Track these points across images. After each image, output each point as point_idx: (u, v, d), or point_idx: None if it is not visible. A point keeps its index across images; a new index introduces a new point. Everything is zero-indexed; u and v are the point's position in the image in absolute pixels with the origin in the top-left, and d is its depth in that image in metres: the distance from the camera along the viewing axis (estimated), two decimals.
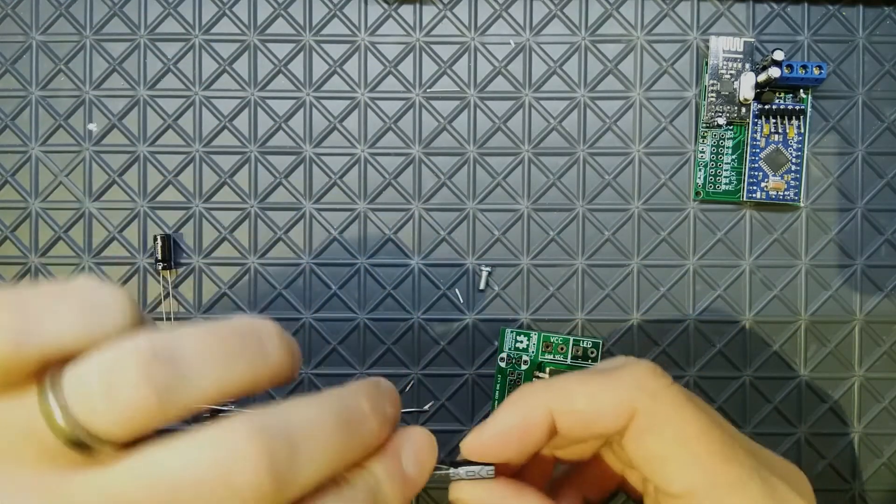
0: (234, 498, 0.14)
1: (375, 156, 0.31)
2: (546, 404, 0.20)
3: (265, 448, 0.14)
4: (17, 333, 0.14)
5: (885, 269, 0.30)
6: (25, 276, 0.31)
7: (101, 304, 0.15)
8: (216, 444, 0.14)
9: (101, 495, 0.14)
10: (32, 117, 0.31)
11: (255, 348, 0.16)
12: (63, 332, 0.14)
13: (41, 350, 0.14)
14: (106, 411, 0.14)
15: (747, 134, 0.30)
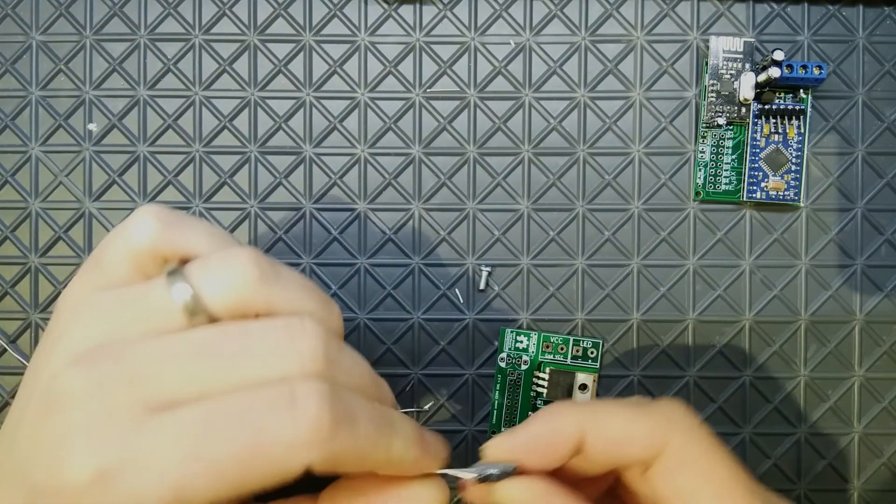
0: (294, 348, 0.18)
1: (375, 156, 0.31)
2: (579, 423, 0.21)
3: (324, 332, 0.19)
4: (166, 227, 0.20)
5: (885, 269, 0.30)
6: (25, 276, 0.31)
7: (226, 237, 0.21)
8: (290, 316, 0.19)
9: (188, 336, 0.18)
10: (32, 117, 0.31)
11: (326, 302, 0.21)
12: (196, 241, 0.20)
13: (177, 246, 0.20)
14: (219, 280, 0.18)
15: (747, 134, 0.30)
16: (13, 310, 0.31)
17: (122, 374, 0.18)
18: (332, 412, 0.17)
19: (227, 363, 0.18)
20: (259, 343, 0.18)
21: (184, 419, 0.17)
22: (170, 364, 0.18)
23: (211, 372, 0.18)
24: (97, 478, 0.17)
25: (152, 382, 0.17)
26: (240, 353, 0.18)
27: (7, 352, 0.30)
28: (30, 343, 0.30)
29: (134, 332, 0.18)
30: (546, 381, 0.30)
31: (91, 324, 0.19)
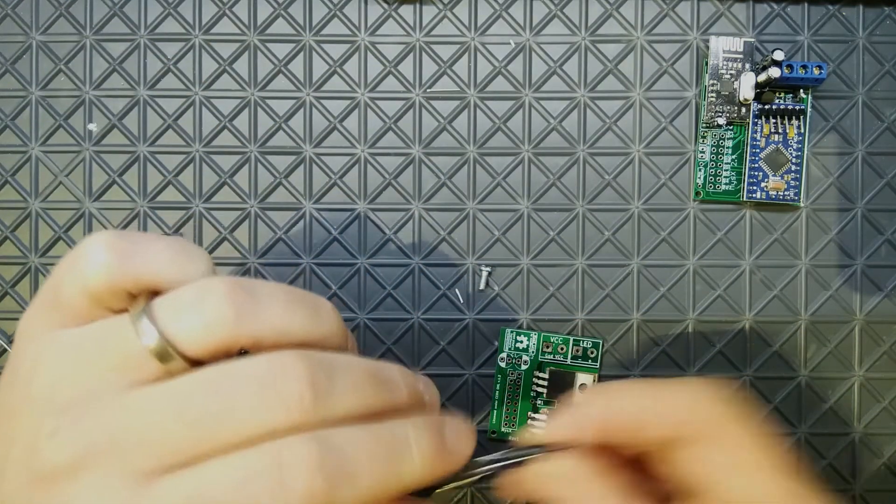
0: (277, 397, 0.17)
1: (375, 156, 0.31)
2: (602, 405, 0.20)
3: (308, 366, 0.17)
4: (120, 259, 0.18)
5: (885, 269, 0.30)
6: (25, 276, 0.31)
7: (190, 253, 0.19)
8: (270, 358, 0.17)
9: (167, 394, 0.17)
10: (32, 117, 0.31)
11: (313, 309, 0.19)
12: (156, 267, 0.18)
13: (136, 277, 0.18)
14: (190, 322, 0.17)
15: (747, 134, 0.30)
16: (13, 310, 0.31)
17: (106, 442, 0.17)
18: (323, 478, 0.17)
19: (214, 419, 0.17)
20: (241, 396, 0.17)
21: (179, 495, 0.16)
22: (151, 429, 0.17)
23: (198, 431, 0.17)
24: None
25: (140, 445, 0.17)
26: (222, 411, 0.17)
27: (7, 352, 0.30)
28: None
29: (106, 383, 0.17)
30: (546, 381, 0.30)
31: (58, 370, 0.18)
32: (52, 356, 0.18)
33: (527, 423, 0.30)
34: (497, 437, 0.30)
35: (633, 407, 0.20)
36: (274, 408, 0.17)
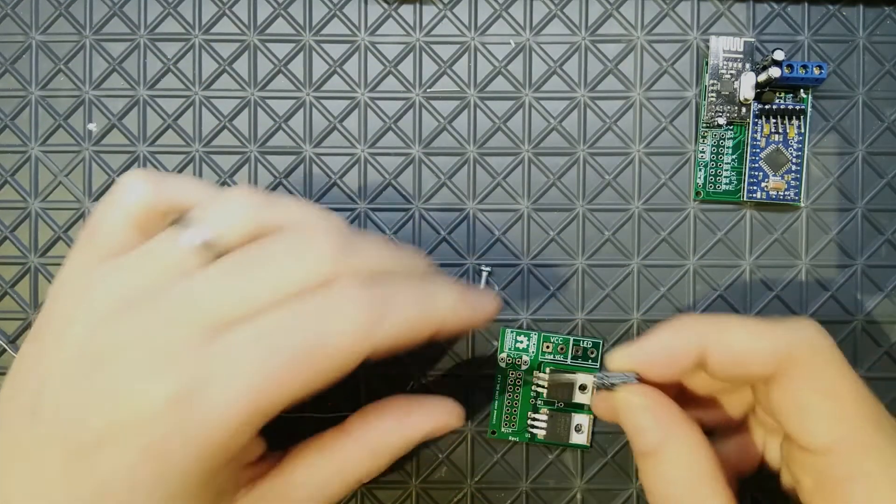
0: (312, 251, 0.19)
1: (375, 156, 0.31)
2: (702, 335, 0.21)
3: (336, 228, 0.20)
4: (156, 185, 0.21)
5: (885, 269, 0.30)
6: (25, 276, 0.30)
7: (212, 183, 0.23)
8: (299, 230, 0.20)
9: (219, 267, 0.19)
10: (32, 117, 0.31)
11: (324, 211, 0.22)
12: (187, 190, 0.21)
13: (171, 199, 0.21)
14: (225, 214, 0.20)
15: (747, 134, 0.30)
16: (13, 310, 0.30)
17: (166, 311, 0.19)
18: (370, 302, 0.19)
19: (260, 276, 0.19)
20: (280, 252, 0.19)
21: (247, 334, 0.18)
22: (208, 290, 0.19)
23: (248, 287, 0.19)
24: (177, 398, 0.18)
25: (198, 310, 0.19)
26: (267, 264, 0.19)
27: (6, 352, 0.30)
28: None
29: (161, 282, 0.19)
30: (546, 382, 0.30)
31: (112, 285, 0.20)
32: (101, 279, 0.20)
33: (527, 425, 0.30)
34: (497, 437, 0.30)
35: (736, 343, 0.21)
36: (311, 258, 0.19)
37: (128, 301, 0.19)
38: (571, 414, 0.29)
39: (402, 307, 0.20)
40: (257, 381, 0.18)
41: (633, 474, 0.30)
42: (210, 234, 0.20)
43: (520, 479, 0.30)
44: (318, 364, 0.19)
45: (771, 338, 0.20)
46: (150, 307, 0.19)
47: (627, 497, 0.30)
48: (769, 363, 0.20)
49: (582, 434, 0.29)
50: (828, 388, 0.20)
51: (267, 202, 0.21)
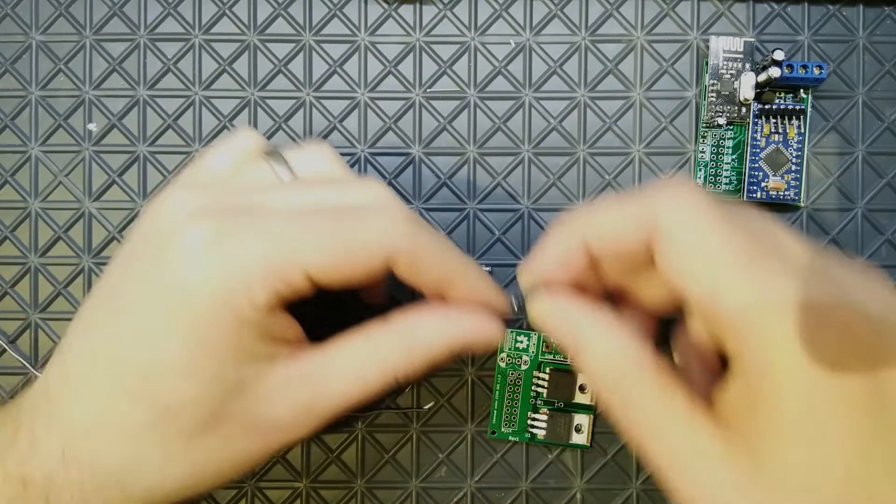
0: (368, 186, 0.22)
1: (376, 156, 0.31)
2: (581, 229, 0.22)
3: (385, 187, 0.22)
4: (260, 139, 0.24)
5: (885, 269, 0.30)
6: (25, 276, 0.30)
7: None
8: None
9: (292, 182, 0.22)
10: (32, 117, 0.31)
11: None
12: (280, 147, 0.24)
13: (272, 147, 0.23)
14: (311, 161, 0.23)
15: (747, 134, 0.30)
16: (13, 310, 0.30)
17: (232, 193, 0.21)
18: (412, 216, 0.21)
19: (322, 191, 0.22)
20: (346, 184, 0.22)
21: (288, 211, 0.21)
22: (274, 191, 0.21)
23: (310, 195, 0.21)
24: (212, 240, 0.20)
25: (260, 199, 0.21)
26: (330, 188, 0.22)
27: (7, 352, 0.30)
28: (30, 343, 0.30)
29: (242, 189, 0.22)
30: (546, 381, 0.30)
31: (197, 183, 0.22)
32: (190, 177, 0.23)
33: (527, 425, 0.30)
34: (497, 437, 0.30)
35: (607, 229, 0.21)
36: (375, 196, 0.22)
37: (208, 185, 0.22)
38: (571, 414, 0.29)
39: (438, 238, 0.22)
40: (287, 239, 0.20)
41: (634, 474, 0.30)
42: (294, 168, 0.23)
43: (520, 479, 0.30)
44: (352, 246, 0.20)
45: (635, 215, 0.21)
46: (220, 189, 0.22)
47: (627, 497, 0.30)
48: (640, 240, 0.21)
49: (582, 434, 0.29)
50: (697, 247, 0.20)
51: (341, 159, 0.24)
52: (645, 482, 0.30)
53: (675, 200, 0.20)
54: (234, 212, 0.21)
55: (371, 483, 0.30)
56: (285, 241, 0.20)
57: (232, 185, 0.22)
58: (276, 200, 0.21)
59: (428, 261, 0.21)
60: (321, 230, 0.20)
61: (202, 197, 0.21)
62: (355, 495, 0.30)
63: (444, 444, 0.30)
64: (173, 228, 0.20)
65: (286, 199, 0.21)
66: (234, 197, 0.21)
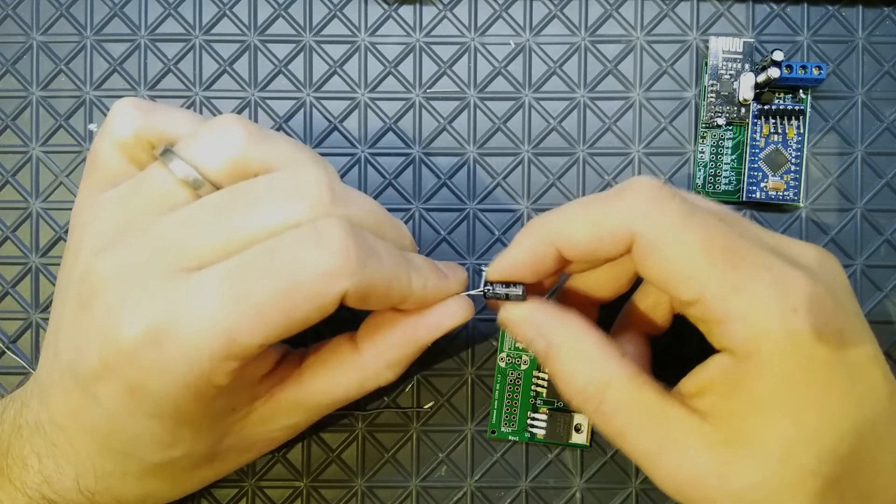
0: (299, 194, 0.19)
1: (376, 156, 0.31)
2: (549, 238, 0.22)
3: (326, 174, 0.20)
4: (143, 112, 0.21)
5: (884, 269, 0.30)
6: (26, 276, 0.31)
7: (200, 115, 0.22)
8: (292, 169, 0.20)
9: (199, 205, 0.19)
10: (33, 118, 0.31)
11: (315, 154, 0.22)
12: (174, 119, 0.21)
13: (158, 128, 0.21)
14: (208, 146, 0.20)
15: (747, 134, 0.30)
16: (13, 310, 0.31)
17: (147, 247, 0.19)
18: (356, 242, 0.19)
19: (243, 217, 0.19)
20: (267, 194, 0.19)
21: (220, 272, 0.18)
22: (190, 228, 0.19)
23: (230, 228, 0.19)
24: (150, 334, 0.18)
25: (178, 248, 0.19)
26: (252, 205, 0.19)
27: (5, 353, 0.30)
28: (30, 343, 0.30)
29: (147, 215, 0.20)
30: (546, 381, 0.30)
31: (106, 219, 0.20)
32: (97, 210, 0.21)
33: (527, 424, 0.30)
34: (497, 437, 0.30)
35: (580, 237, 0.21)
36: (299, 199, 0.19)
37: (117, 235, 0.20)
38: (571, 413, 0.30)
39: (383, 259, 0.20)
40: (227, 319, 0.18)
41: (633, 474, 0.30)
42: (198, 165, 0.20)
43: (519, 479, 0.30)
44: (294, 303, 0.18)
45: (609, 222, 0.21)
46: (134, 243, 0.19)
47: (627, 496, 0.30)
48: (617, 247, 0.21)
49: (581, 433, 0.30)
50: (676, 251, 0.20)
51: (257, 135, 0.20)
52: (644, 481, 0.30)
53: (649, 206, 0.20)
54: (162, 286, 0.18)
55: (371, 482, 0.30)
56: (227, 324, 0.18)
57: (143, 229, 0.19)
58: (199, 244, 0.19)
59: (376, 293, 0.20)
60: (262, 300, 0.18)
61: (122, 263, 0.19)
62: (355, 494, 0.30)
63: (444, 443, 0.30)
64: (112, 324, 0.18)
65: (207, 240, 0.19)
66: (152, 252, 0.19)
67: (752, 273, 0.20)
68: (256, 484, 0.30)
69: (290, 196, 0.19)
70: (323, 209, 0.19)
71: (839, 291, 0.21)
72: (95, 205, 0.21)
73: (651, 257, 0.20)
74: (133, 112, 0.21)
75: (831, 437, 0.20)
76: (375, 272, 0.19)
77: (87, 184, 0.22)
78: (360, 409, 0.30)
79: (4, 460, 0.22)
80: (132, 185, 0.20)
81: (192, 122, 0.21)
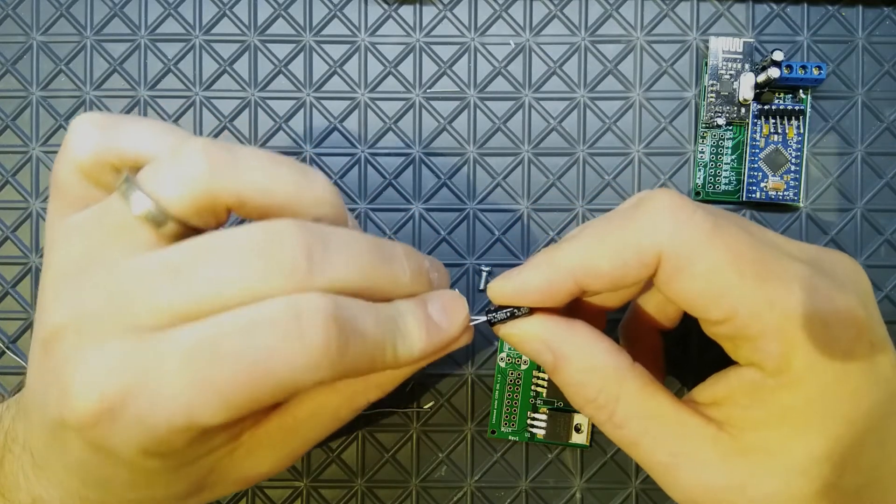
0: (272, 262, 0.17)
1: (376, 156, 0.31)
2: (570, 272, 0.21)
3: (303, 233, 0.17)
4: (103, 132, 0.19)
5: (884, 269, 0.30)
6: (26, 276, 0.31)
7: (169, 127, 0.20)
8: (264, 224, 0.17)
9: (160, 257, 0.17)
10: (33, 118, 0.31)
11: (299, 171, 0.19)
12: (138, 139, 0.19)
13: (119, 150, 0.19)
14: (169, 179, 0.17)
15: (747, 134, 0.30)
16: (13, 310, 0.31)
17: (104, 297, 0.17)
18: (338, 331, 0.17)
19: (207, 283, 0.17)
20: (240, 261, 0.17)
21: (183, 343, 0.17)
22: (147, 284, 0.17)
23: (191, 292, 0.17)
24: (105, 404, 0.17)
25: (135, 303, 0.17)
26: (217, 270, 0.17)
27: (5, 353, 0.30)
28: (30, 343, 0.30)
29: (106, 254, 0.18)
30: (546, 381, 0.30)
31: (68, 249, 0.19)
32: (60, 238, 0.19)
33: (527, 424, 0.30)
34: (497, 437, 0.30)
35: (604, 269, 0.20)
36: (268, 272, 0.17)
37: (77, 273, 0.18)
38: (571, 413, 0.30)
39: (368, 336, 0.18)
40: (187, 399, 0.16)
41: (633, 473, 0.30)
42: (157, 196, 0.17)
43: (519, 479, 0.30)
44: (263, 390, 0.17)
45: (633, 247, 0.20)
46: (92, 290, 0.18)
47: (626, 496, 0.30)
48: (644, 271, 0.20)
49: (581, 433, 0.30)
50: (704, 269, 0.19)
51: (224, 165, 0.18)
52: (644, 481, 0.30)
53: (673, 224, 0.20)
54: (119, 348, 0.17)
55: (371, 482, 0.30)
56: (187, 405, 0.17)
57: (101, 275, 0.18)
58: (159, 305, 0.17)
59: (357, 373, 0.18)
60: (227, 386, 0.16)
61: (78, 312, 0.18)
62: (356, 494, 0.30)
63: (444, 443, 0.30)
64: (68, 388, 0.17)
65: (169, 303, 0.17)
66: (110, 307, 0.17)
67: (783, 286, 0.19)
68: (256, 484, 0.30)
69: (263, 264, 0.17)
70: (300, 281, 0.17)
71: (867, 301, 0.21)
72: (61, 230, 0.19)
73: (678, 278, 0.20)
74: (91, 131, 0.19)
75: (856, 449, 0.19)
76: (358, 356, 0.18)
77: (54, 205, 0.20)
78: None
79: (1, 470, 0.22)
80: (94, 215, 0.19)
81: (159, 140, 0.19)
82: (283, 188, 0.18)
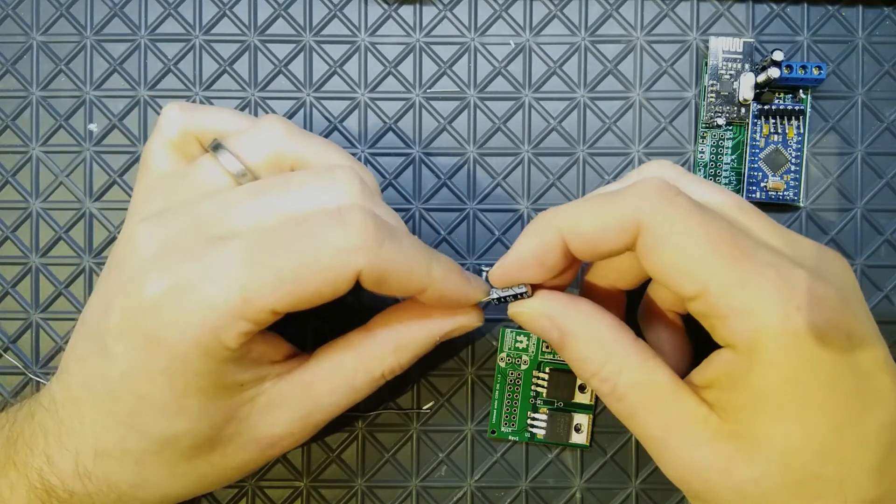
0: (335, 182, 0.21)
1: (376, 156, 0.31)
2: (557, 229, 0.22)
3: (359, 173, 0.22)
4: (189, 112, 0.24)
5: (884, 269, 0.30)
6: (26, 276, 0.31)
7: (244, 113, 0.26)
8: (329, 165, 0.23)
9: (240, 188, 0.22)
10: (33, 118, 0.31)
11: (352, 158, 0.24)
12: (218, 117, 0.24)
13: (203, 125, 0.24)
14: (250, 138, 0.22)
15: (747, 134, 0.30)
16: (13, 310, 0.31)
17: (186, 220, 0.21)
18: (376, 224, 0.20)
19: (276, 197, 0.21)
20: (302, 183, 0.21)
21: (244, 240, 0.20)
22: (226, 205, 0.21)
23: (262, 205, 0.21)
24: (172, 289, 0.20)
25: (213, 221, 0.21)
26: (286, 189, 0.21)
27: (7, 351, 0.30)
28: (30, 343, 0.30)
29: (191, 196, 0.22)
30: (546, 381, 0.30)
31: (152, 198, 0.23)
32: (149, 194, 0.23)
33: (527, 424, 0.30)
34: (497, 437, 0.30)
35: (587, 228, 0.21)
36: (330, 190, 0.21)
37: (164, 209, 0.22)
38: (571, 413, 0.30)
39: (404, 244, 0.21)
40: (243, 278, 0.19)
41: (633, 473, 0.30)
42: (241, 156, 0.22)
43: (519, 479, 0.30)
44: (310, 274, 0.20)
45: (616, 213, 0.21)
46: (175, 215, 0.21)
47: (627, 496, 0.30)
48: (622, 239, 0.21)
49: (581, 433, 0.30)
50: (680, 244, 0.20)
51: (295, 133, 0.23)
52: (644, 481, 0.30)
53: (656, 200, 0.21)
54: (192, 249, 0.20)
55: (371, 482, 0.30)
56: (245, 283, 0.19)
57: (185, 205, 0.22)
58: (233, 218, 0.21)
59: (394, 275, 0.21)
60: (280, 266, 0.20)
61: (160, 230, 0.21)
62: (355, 494, 0.30)
63: (444, 443, 0.30)
64: (138, 280, 0.20)
65: (241, 215, 0.21)
66: (189, 223, 0.21)
67: (756, 269, 0.20)
68: (256, 484, 0.30)
69: (323, 185, 0.21)
70: (351, 200, 0.21)
71: (848, 293, 0.21)
72: (146, 187, 0.23)
73: (655, 250, 0.21)
74: (178, 114, 0.24)
75: (835, 440, 0.20)
76: (394, 254, 0.20)
77: (140, 184, 0.24)
78: (360, 409, 0.30)
79: (14, 447, 0.23)
80: (181, 172, 0.23)
81: (238, 119, 0.24)
82: (336, 157, 0.23)
